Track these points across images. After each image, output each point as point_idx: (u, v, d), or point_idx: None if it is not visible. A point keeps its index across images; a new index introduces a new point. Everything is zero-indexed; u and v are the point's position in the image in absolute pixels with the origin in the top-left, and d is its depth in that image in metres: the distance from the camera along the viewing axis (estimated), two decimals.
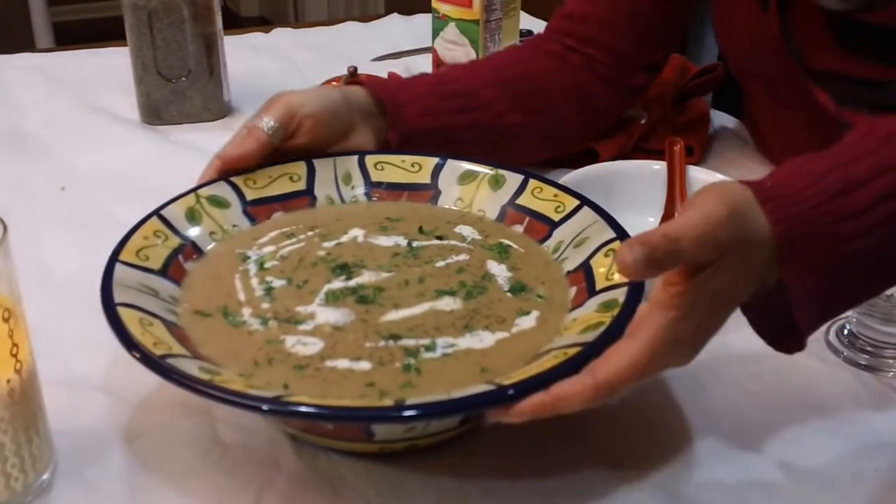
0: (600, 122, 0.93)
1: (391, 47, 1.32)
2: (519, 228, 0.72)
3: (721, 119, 1.09)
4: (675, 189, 0.83)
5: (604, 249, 0.65)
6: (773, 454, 0.60)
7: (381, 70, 1.19)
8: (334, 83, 1.11)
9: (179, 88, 1.08)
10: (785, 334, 0.58)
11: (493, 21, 1.18)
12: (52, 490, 0.57)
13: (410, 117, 0.79)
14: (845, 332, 0.69)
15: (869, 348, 0.68)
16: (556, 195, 0.72)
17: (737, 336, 0.60)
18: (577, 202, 0.71)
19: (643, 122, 0.98)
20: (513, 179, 0.74)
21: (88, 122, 1.09)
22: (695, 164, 0.90)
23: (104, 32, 1.45)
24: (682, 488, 0.58)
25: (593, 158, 0.92)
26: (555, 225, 0.70)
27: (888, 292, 0.65)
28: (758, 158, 1.00)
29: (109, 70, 1.21)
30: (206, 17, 1.06)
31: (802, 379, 0.66)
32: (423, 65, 1.25)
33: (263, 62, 1.29)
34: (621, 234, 0.66)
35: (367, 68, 1.19)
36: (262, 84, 1.16)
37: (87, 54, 1.32)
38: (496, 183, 0.75)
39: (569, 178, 0.80)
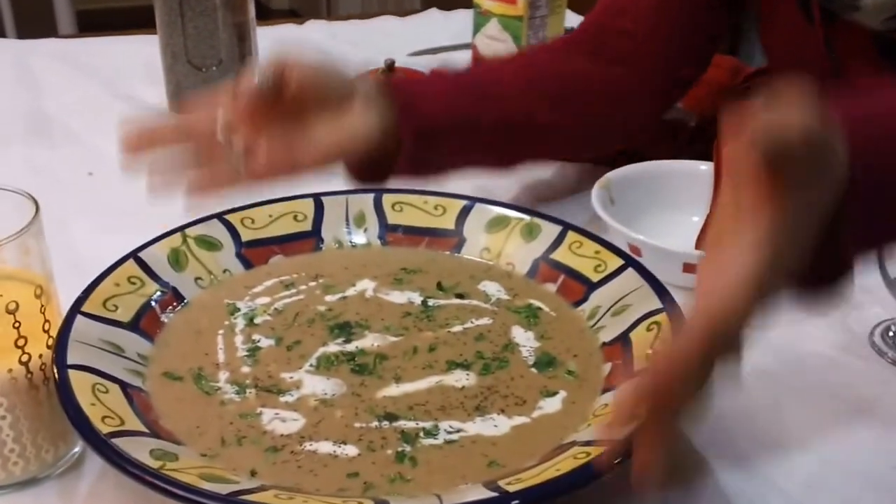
0: (635, 124, 0.86)
1: (429, 42, 1.25)
2: (552, 287, 0.63)
3: None
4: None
5: (647, 322, 0.56)
6: (815, 450, 0.58)
7: (419, 65, 1.11)
8: (370, 76, 1.04)
9: (210, 77, 1.03)
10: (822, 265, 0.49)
11: (538, 18, 1.11)
12: (84, 463, 0.54)
13: (426, 111, 0.67)
14: (890, 333, 0.67)
15: None
16: (597, 252, 0.62)
17: (780, 333, 0.61)
18: (621, 262, 0.61)
19: (692, 124, 0.94)
20: (549, 230, 0.65)
21: (115, 108, 1.05)
22: None
23: (128, 22, 1.40)
24: (727, 480, 0.54)
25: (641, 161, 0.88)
26: (593, 286, 0.61)
27: None
28: None
29: (136, 57, 1.17)
30: (238, 5, 1.01)
31: (845, 377, 0.64)
32: (463, 61, 1.18)
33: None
34: (669, 304, 0.56)
35: (403, 62, 1.10)
36: None
37: (112, 41, 1.29)
38: (530, 233, 0.65)
39: (612, 175, 0.79)
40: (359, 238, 0.67)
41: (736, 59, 1.03)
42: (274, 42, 1.17)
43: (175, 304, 0.59)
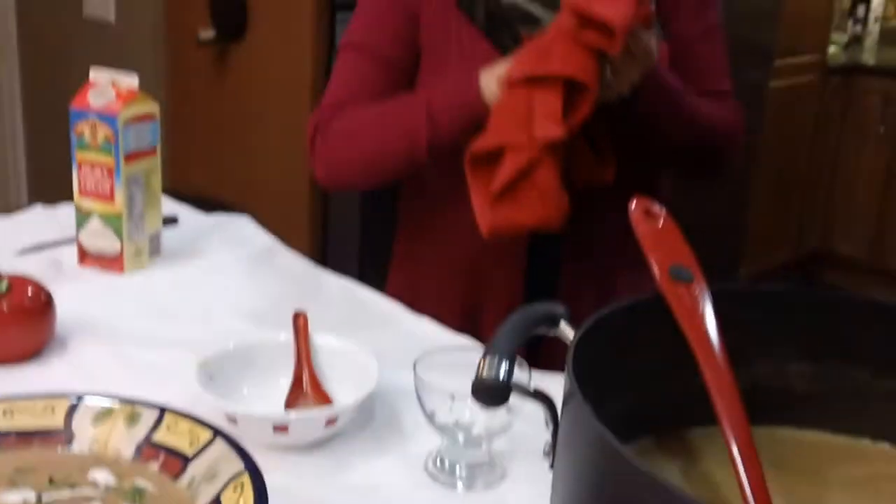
0: None
1: (36, 239, 1.28)
2: (154, 466, 0.73)
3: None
4: (302, 355, 0.95)
5: (232, 483, 0.68)
6: None
7: (26, 265, 1.16)
8: None
9: None
10: None
11: (136, 212, 1.20)
12: None
13: None
14: (440, 460, 0.84)
15: (461, 471, 0.82)
16: (190, 429, 0.74)
17: (351, 470, 0.81)
18: (210, 435, 0.73)
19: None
20: (149, 414, 0.76)
21: None
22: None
23: None
24: None
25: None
26: (188, 460, 0.72)
27: (465, 423, 0.81)
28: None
29: None
30: None
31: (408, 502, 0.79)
32: (69, 256, 1.23)
33: None
34: (250, 465, 0.69)
35: (11, 264, 1.14)
36: None
37: None
38: (132, 420, 0.76)
39: (211, 355, 0.90)
40: None
41: None
42: None
43: None
